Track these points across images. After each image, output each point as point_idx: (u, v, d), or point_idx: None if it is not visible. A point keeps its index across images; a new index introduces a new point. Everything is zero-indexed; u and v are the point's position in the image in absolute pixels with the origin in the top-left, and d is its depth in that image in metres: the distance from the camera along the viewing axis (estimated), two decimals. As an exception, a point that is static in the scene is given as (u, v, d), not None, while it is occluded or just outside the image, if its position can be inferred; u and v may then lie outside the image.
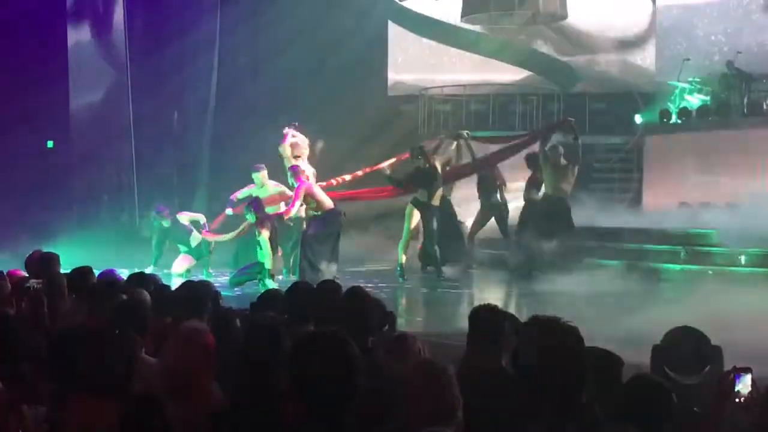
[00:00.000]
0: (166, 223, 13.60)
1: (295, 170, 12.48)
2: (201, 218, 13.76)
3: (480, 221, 14.58)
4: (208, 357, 3.83)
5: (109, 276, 6.84)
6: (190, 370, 3.77)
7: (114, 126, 20.12)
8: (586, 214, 14.20)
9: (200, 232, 13.41)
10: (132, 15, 20.34)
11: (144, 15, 20.50)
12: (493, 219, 14.44)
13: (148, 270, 10.68)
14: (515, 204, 14.65)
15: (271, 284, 11.21)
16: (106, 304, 5.23)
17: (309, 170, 13.10)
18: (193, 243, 13.54)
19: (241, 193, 13.48)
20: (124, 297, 5.44)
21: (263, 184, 13.23)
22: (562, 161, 13.16)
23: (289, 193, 12.70)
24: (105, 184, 20.06)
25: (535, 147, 13.71)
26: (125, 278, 6.86)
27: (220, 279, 12.63)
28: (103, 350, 3.45)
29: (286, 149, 13.15)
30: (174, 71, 20.14)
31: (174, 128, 21.30)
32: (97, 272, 6.84)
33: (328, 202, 12.50)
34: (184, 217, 13.73)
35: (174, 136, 21.20)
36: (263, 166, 13.28)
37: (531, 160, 13.78)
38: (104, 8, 20.40)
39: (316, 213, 12.57)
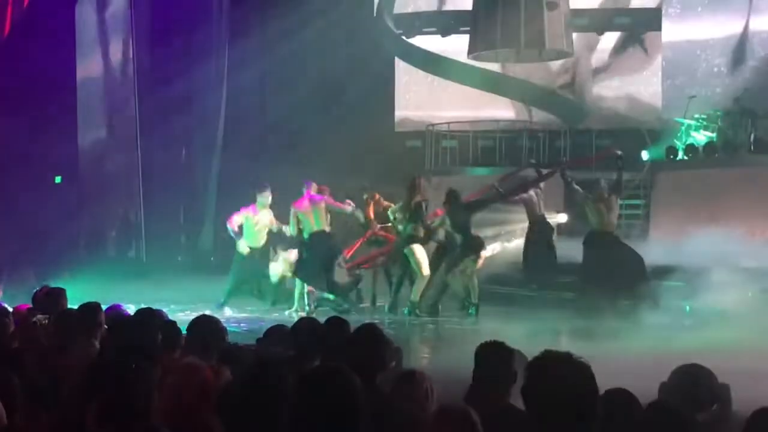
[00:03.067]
0: None
1: None
2: None
3: None
4: (207, 393, 3.80)
5: (116, 311, 6.85)
6: (188, 406, 3.76)
7: (121, 162, 20.21)
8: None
9: None
10: (140, 52, 20.49)
11: (152, 52, 20.65)
12: None
13: None
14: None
15: None
16: (115, 340, 5.23)
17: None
18: None
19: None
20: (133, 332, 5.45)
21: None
22: (606, 195, 13.15)
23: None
24: (112, 220, 20.12)
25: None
26: (132, 313, 6.86)
27: None
28: (128, 383, 3.45)
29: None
30: (182, 109, 20.25)
31: (181, 165, 21.38)
32: (103, 308, 6.85)
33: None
34: None
35: (181, 172, 21.27)
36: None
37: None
38: (113, 45, 20.55)
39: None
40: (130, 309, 7.46)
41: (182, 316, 8.20)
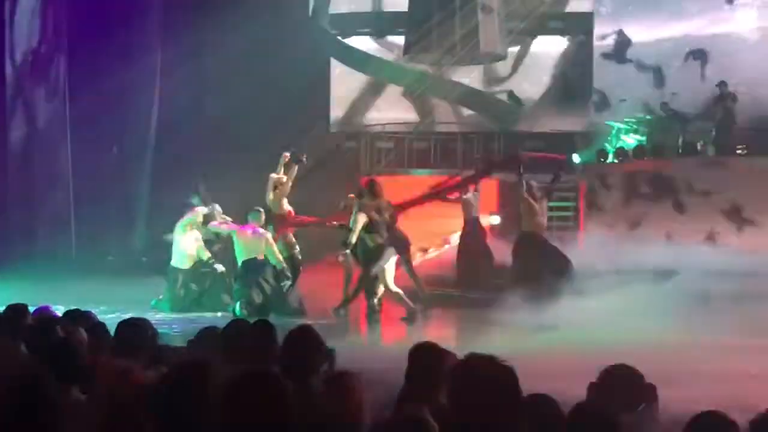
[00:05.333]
0: None
1: None
2: None
3: None
4: (140, 396, 3.75)
5: (44, 313, 6.73)
6: (121, 410, 3.71)
7: (52, 160, 19.89)
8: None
9: None
10: (72, 50, 20.17)
11: (85, 50, 20.32)
12: None
13: None
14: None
15: None
16: (41, 343, 5.13)
17: None
18: None
19: None
20: (61, 335, 5.36)
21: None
22: (539, 196, 13.24)
23: None
24: (42, 219, 19.77)
25: None
26: (61, 315, 6.75)
27: None
28: (23, 397, 3.36)
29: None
30: (114, 107, 19.99)
31: (113, 163, 21.09)
32: (31, 309, 6.73)
33: None
34: None
35: (113, 171, 20.99)
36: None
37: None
38: (44, 43, 20.22)
39: None
40: (59, 310, 7.34)
41: (112, 317, 8.09)
